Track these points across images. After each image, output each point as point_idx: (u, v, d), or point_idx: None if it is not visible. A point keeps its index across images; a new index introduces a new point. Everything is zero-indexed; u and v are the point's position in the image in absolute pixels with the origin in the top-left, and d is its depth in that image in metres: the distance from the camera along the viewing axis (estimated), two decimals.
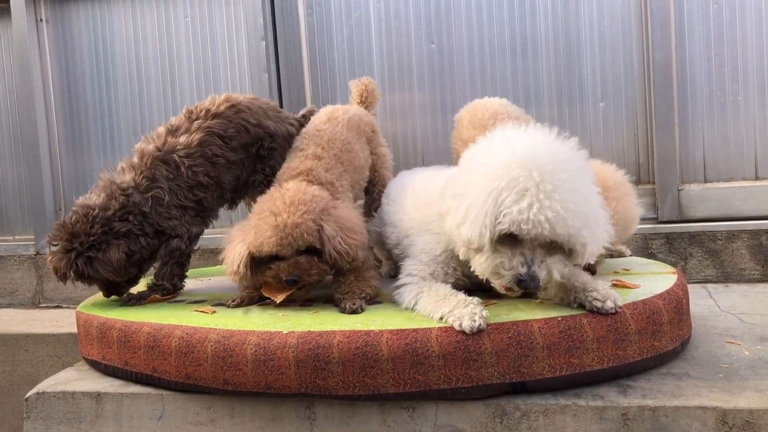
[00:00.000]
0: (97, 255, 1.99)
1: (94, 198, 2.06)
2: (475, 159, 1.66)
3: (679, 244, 2.81)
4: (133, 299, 2.13)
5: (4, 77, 3.75)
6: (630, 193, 2.10)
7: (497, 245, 1.55)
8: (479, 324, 1.52)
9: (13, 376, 2.89)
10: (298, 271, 1.84)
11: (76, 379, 1.98)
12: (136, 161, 2.13)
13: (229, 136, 2.24)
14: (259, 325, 1.70)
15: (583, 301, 1.62)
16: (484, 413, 1.56)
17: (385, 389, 1.56)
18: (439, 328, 1.57)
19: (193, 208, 2.21)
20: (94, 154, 3.61)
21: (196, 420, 1.75)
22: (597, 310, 1.60)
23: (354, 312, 1.78)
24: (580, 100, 3.01)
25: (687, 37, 2.87)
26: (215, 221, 2.38)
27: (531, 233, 1.48)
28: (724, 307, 2.30)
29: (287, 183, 2.01)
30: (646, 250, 2.84)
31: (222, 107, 2.25)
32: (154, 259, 2.22)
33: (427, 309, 1.66)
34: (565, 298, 1.67)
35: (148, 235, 2.10)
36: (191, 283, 2.41)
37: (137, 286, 2.26)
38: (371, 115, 2.68)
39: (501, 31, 3.07)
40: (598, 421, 1.50)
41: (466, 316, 1.54)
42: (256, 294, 2.01)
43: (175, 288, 2.21)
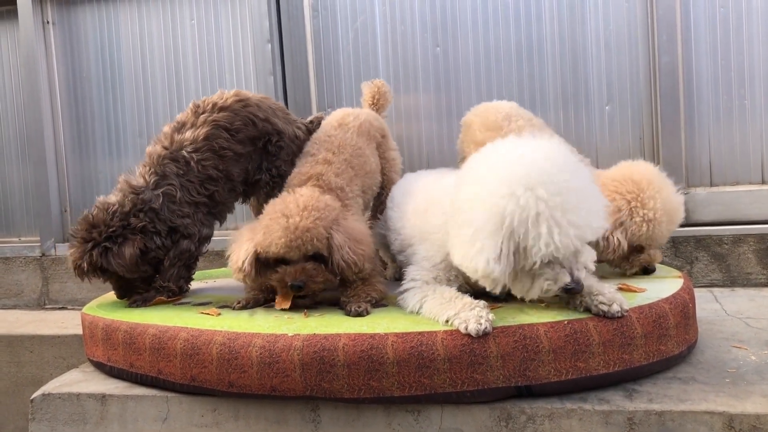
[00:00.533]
0: (113, 247, 2.03)
1: (113, 197, 2.14)
2: (476, 181, 1.61)
3: (685, 248, 2.80)
4: (138, 301, 2.13)
5: (11, 79, 3.77)
6: (666, 185, 2.09)
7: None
8: (485, 327, 1.52)
9: (19, 378, 2.89)
10: (304, 276, 1.84)
11: (81, 380, 1.98)
12: (147, 163, 2.18)
13: (236, 128, 2.25)
14: (264, 328, 1.70)
15: (589, 305, 1.62)
16: (490, 417, 1.55)
17: (391, 392, 1.56)
18: (444, 331, 1.57)
19: (206, 204, 2.22)
20: (100, 156, 3.63)
21: (201, 422, 1.75)
22: (603, 314, 1.59)
23: (359, 315, 1.78)
24: (586, 103, 3.00)
25: (693, 41, 2.86)
26: (230, 215, 2.40)
27: (563, 252, 1.49)
28: (731, 312, 2.29)
29: (300, 188, 2.02)
30: None
31: (229, 101, 2.26)
32: None
33: (433, 312, 1.66)
34: (571, 301, 1.66)
35: (161, 234, 2.12)
36: (196, 284, 2.41)
37: None
38: (382, 118, 2.68)
39: (507, 35, 3.07)
40: (604, 425, 1.49)
41: (472, 319, 1.53)
42: (261, 296, 2.01)
43: (180, 290, 2.21)
